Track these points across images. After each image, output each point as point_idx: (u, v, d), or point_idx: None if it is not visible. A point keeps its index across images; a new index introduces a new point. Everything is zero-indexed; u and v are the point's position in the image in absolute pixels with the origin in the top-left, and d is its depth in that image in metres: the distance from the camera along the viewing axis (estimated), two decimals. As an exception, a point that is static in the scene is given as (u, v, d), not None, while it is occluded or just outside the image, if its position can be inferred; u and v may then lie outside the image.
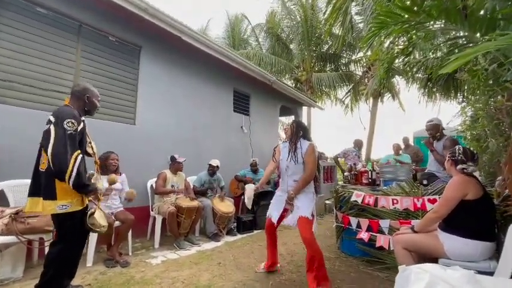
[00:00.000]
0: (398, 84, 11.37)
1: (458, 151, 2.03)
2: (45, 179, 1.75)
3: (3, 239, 2.17)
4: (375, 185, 3.37)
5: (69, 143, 1.72)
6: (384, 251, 2.79)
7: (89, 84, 2.11)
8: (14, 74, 2.71)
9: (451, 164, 2.07)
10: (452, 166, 2.06)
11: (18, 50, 2.75)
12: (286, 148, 2.50)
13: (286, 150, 2.48)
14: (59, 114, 1.77)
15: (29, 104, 2.78)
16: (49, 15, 2.97)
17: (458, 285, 0.86)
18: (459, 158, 1.99)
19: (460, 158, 1.98)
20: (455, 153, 2.05)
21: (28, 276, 2.36)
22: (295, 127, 2.50)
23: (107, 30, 3.46)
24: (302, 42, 11.44)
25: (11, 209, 2.38)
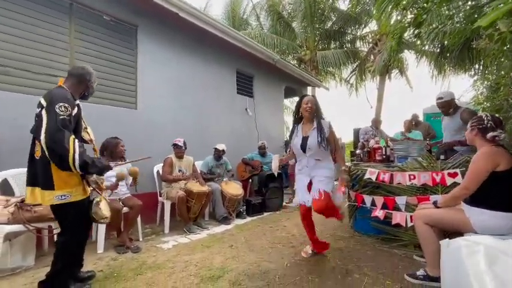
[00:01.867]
0: (406, 60, 10.94)
1: (487, 118, 1.85)
2: (41, 167, 1.63)
3: (10, 228, 2.12)
4: (389, 162, 3.24)
5: (62, 127, 1.57)
6: (400, 228, 2.70)
7: (88, 67, 1.95)
8: (6, 58, 2.57)
9: (476, 133, 1.88)
10: (477, 136, 1.87)
11: (9, 33, 2.59)
12: (299, 129, 2.36)
13: (300, 131, 2.34)
14: (51, 98, 1.62)
15: (24, 90, 2.66)
16: (40, -6, 2.77)
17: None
18: (488, 125, 1.81)
19: (489, 125, 1.81)
20: (482, 120, 1.86)
21: (40, 264, 2.33)
22: (316, 104, 2.31)
23: (100, 9, 3.26)
24: (305, 19, 10.94)
25: (16, 198, 2.32)
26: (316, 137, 2.20)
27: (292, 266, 2.28)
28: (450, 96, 3.03)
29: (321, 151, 2.23)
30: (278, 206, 4.52)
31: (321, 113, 2.32)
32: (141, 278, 2.10)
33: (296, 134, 2.38)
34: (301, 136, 2.32)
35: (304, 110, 2.29)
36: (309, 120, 2.33)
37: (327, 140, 2.23)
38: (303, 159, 2.32)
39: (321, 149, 2.21)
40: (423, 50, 8.06)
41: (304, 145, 2.27)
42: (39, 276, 2.04)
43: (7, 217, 2.15)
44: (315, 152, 2.24)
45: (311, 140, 2.24)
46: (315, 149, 2.22)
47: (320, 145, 2.18)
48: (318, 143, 2.18)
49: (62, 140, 1.55)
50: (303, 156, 2.31)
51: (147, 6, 3.57)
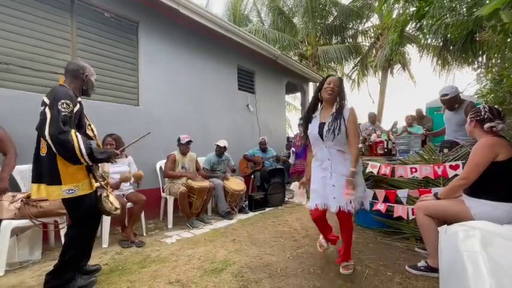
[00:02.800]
0: (408, 54, 10.84)
1: (484, 109, 1.85)
2: (47, 163, 1.66)
3: (17, 223, 2.17)
4: (391, 155, 3.24)
5: (63, 123, 1.60)
6: (402, 221, 2.72)
7: (84, 61, 1.97)
8: (8, 56, 2.60)
9: (474, 125, 1.89)
10: (476, 127, 1.88)
11: (10, 30, 2.61)
12: (318, 115, 2.05)
13: (319, 116, 2.04)
14: (54, 95, 1.65)
15: (25, 87, 2.68)
16: (41, -9, 2.79)
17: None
18: (486, 116, 1.81)
19: (486, 116, 1.81)
20: (479, 112, 1.86)
21: (47, 258, 2.38)
22: (341, 85, 1.99)
23: (101, 6, 3.27)
24: (306, 14, 10.87)
25: (22, 193, 2.36)
26: (334, 122, 1.91)
27: (294, 259, 2.31)
28: (455, 92, 2.98)
29: (342, 141, 1.91)
30: (280, 201, 4.54)
31: (344, 96, 1.99)
32: (145, 271, 2.13)
33: (313, 121, 2.06)
34: (318, 122, 2.01)
35: (325, 90, 1.97)
36: (330, 104, 2.01)
37: (341, 129, 1.89)
38: (322, 150, 1.98)
39: (340, 138, 1.89)
40: (426, 43, 7.98)
41: (321, 131, 1.95)
42: (45, 270, 2.08)
43: (14, 212, 2.20)
44: (334, 141, 1.91)
45: (326, 127, 1.94)
46: (331, 138, 1.91)
47: (332, 133, 1.88)
48: (330, 130, 1.89)
49: (66, 135, 1.59)
50: (322, 145, 1.98)
51: (147, 3, 3.57)
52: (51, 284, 1.75)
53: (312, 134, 2.03)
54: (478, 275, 0.67)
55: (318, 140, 1.99)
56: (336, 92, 1.96)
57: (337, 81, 1.99)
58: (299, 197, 2.26)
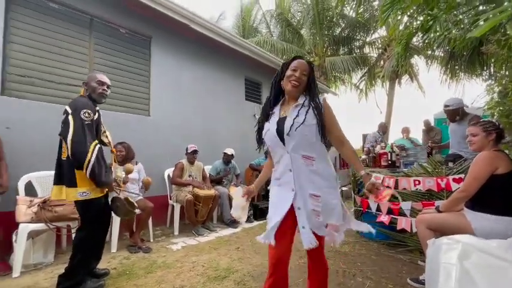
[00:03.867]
0: (416, 65, 10.84)
1: (499, 123, 1.88)
2: (67, 167, 1.81)
3: (34, 226, 2.29)
4: (395, 167, 3.26)
5: (87, 132, 1.77)
6: (405, 233, 2.72)
7: (95, 72, 2.12)
8: (32, 70, 2.80)
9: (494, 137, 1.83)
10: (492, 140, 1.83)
11: (34, 46, 2.83)
12: (276, 111, 1.42)
13: (278, 112, 1.41)
14: (76, 105, 1.81)
15: (46, 98, 2.87)
16: (61, 10, 3.02)
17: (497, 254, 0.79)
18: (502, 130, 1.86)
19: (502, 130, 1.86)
20: (497, 126, 1.86)
21: (59, 261, 2.50)
22: (310, 74, 1.39)
23: (117, 23, 3.49)
24: (313, 26, 11.06)
25: (38, 198, 2.50)
26: (300, 114, 1.30)
27: (296, 269, 2.34)
28: (458, 104, 3.03)
29: (310, 141, 1.30)
30: (285, 210, 4.56)
31: (315, 88, 1.39)
32: (151, 276, 2.21)
33: (269, 118, 1.43)
34: (276, 118, 1.39)
35: (287, 80, 1.35)
36: (293, 99, 1.39)
37: (321, 121, 1.29)
38: (283, 157, 1.34)
39: (309, 137, 1.29)
40: (433, 54, 7.98)
41: (281, 129, 1.32)
42: (58, 272, 2.18)
43: (31, 216, 2.33)
44: (299, 142, 1.29)
45: (288, 122, 1.30)
46: (298, 136, 1.28)
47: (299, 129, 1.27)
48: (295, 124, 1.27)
49: (84, 143, 1.74)
50: (282, 150, 1.34)
51: (160, 19, 3.78)
52: (62, 285, 1.85)
53: (269, 134, 1.37)
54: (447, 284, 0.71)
55: (276, 142, 1.34)
56: (304, 83, 1.36)
57: (305, 67, 1.36)
58: (237, 210, 1.65)
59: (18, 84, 2.71)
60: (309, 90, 1.39)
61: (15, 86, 2.69)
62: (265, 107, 1.50)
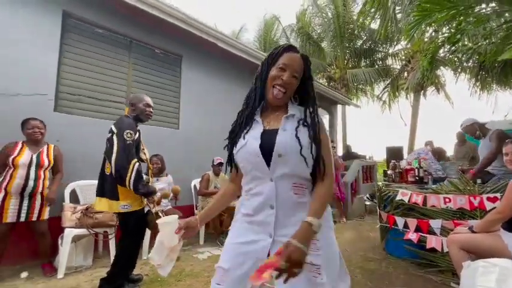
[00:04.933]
0: (443, 76, 10.49)
1: None
2: (109, 181, 1.98)
3: (77, 231, 2.50)
4: (423, 183, 3.18)
5: (128, 152, 1.92)
6: (436, 253, 2.62)
7: (139, 93, 2.32)
8: (79, 88, 3.12)
9: None
10: None
11: (82, 67, 3.15)
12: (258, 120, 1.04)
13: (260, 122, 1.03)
14: (120, 126, 1.99)
15: (91, 114, 3.17)
16: (106, 34, 3.35)
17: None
18: None
19: None
20: None
21: (96, 265, 2.68)
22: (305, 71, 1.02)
23: (153, 43, 3.79)
24: (334, 39, 11.16)
25: (81, 205, 2.73)
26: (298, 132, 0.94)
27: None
28: (468, 122, 3.21)
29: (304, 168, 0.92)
30: (307, 224, 4.54)
31: (313, 93, 1.04)
32: (181, 284, 2.31)
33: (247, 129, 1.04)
34: (260, 129, 1.00)
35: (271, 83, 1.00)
36: (279, 106, 1.04)
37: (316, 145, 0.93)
38: (263, 185, 0.94)
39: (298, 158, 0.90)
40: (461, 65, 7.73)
41: (269, 146, 0.93)
42: (97, 275, 2.37)
43: (74, 222, 2.55)
44: (294, 168, 0.92)
45: (284, 138, 0.93)
46: (295, 159, 0.91)
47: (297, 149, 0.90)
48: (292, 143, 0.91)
49: (126, 162, 1.90)
50: (264, 175, 0.94)
51: (190, 38, 4.05)
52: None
53: (246, 150, 0.98)
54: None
55: (256, 164, 0.94)
56: (293, 87, 1.00)
57: (299, 66, 0.99)
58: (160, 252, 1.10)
59: (68, 102, 3.03)
60: (301, 98, 1.05)
61: (65, 103, 3.00)
62: (245, 111, 1.08)
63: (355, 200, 5.60)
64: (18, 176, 2.31)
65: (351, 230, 4.38)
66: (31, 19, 2.78)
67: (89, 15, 3.17)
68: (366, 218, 5.52)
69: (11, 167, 2.32)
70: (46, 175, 2.50)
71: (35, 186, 2.38)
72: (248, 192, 0.99)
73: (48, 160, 2.50)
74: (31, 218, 2.37)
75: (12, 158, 2.31)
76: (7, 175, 2.31)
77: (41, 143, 2.53)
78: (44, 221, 2.47)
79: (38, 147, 2.49)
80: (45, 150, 2.53)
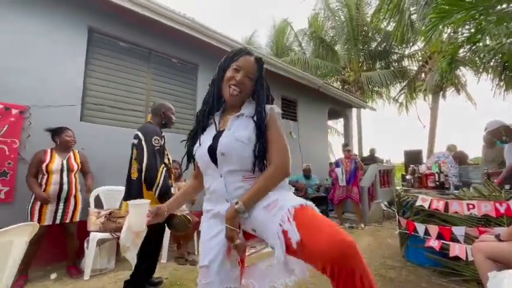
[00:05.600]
0: (463, 76, 10.09)
1: None
2: (136, 185, 2.07)
3: (101, 235, 2.62)
4: (444, 189, 3.08)
5: (158, 157, 2.02)
6: (460, 261, 2.52)
7: (163, 101, 2.43)
8: (102, 99, 3.29)
9: None
10: None
11: (105, 78, 3.33)
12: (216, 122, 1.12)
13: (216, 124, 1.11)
14: (147, 132, 2.08)
15: (113, 122, 3.33)
16: (127, 46, 3.53)
17: None
18: None
19: None
20: None
21: (119, 268, 2.79)
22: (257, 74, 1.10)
23: (170, 54, 3.95)
24: (348, 42, 11.07)
25: (105, 210, 2.86)
26: (240, 127, 1.03)
27: None
28: (493, 125, 2.96)
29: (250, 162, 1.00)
30: (323, 229, 4.49)
31: (263, 94, 1.09)
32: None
33: (205, 132, 1.12)
34: (213, 131, 1.08)
35: (226, 84, 1.07)
36: (235, 106, 1.11)
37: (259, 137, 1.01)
38: (216, 181, 1.04)
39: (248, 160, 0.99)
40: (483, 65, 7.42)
41: (214, 145, 1.02)
42: (120, 278, 2.47)
43: (99, 226, 2.68)
44: (238, 164, 1.00)
45: (225, 138, 1.02)
46: (236, 157, 1.00)
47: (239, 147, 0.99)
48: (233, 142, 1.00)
49: (156, 167, 1.99)
50: (215, 173, 1.04)
51: (206, 47, 4.18)
52: (127, 290, 2.08)
53: (199, 151, 1.06)
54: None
55: (208, 162, 1.03)
56: (248, 88, 1.08)
57: (252, 68, 1.07)
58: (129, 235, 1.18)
59: (92, 111, 3.21)
60: (257, 96, 1.08)
61: (90, 113, 3.19)
62: (201, 114, 1.15)
63: (373, 205, 5.48)
64: (53, 181, 2.49)
65: (368, 236, 4.29)
66: (60, 35, 2.99)
67: (112, 30, 3.36)
68: (384, 223, 5.38)
69: (45, 174, 2.48)
70: (76, 178, 2.68)
71: (69, 190, 2.56)
72: (208, 190, 1.09)
73: (77, 164, 2.68)
74: (65, 220, 2.54)
75: (46, 165, 2.48)
76: (43, 181, 2.48)
77: (69, 150, 2.70)
78: (75, 223, 2.63)
79: (65, 153, 2.65)
80: (72, 155, 2.70)
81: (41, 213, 2.41)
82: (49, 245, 2.64)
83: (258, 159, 0.99)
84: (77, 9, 3.09)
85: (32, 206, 2.42)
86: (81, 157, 2.76)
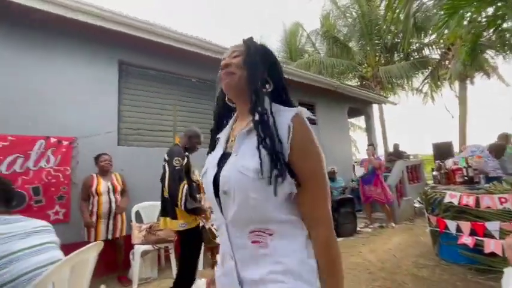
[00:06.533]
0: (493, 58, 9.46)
1: None
2: (169, 203, 2.31)
3: (144, 247, 2.90)
4: (473, 183, 3.00)
5: (177, 176, 2.22)
6: (496, 257, 2.46)
7: (197, 128, 2.65)
8: (135, 123, 3.65)
9: None
10: None
11: (137, 105, 3.70)
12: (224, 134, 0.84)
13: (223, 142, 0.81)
14: (171, 155, 2.31)
15: (147, 144, 3.67)
16: (152, 73, 3.88)
17: None
18: None
19: None
20: None
21: (161, 276, 3.05)
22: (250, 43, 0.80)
23: (191, 74, 4.25)
24: (362, 38, 10.90)
25: (145, 224, 3.15)
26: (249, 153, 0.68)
27: (371, 292, 2.37)
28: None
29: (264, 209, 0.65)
30: (351, 231, 4.49)
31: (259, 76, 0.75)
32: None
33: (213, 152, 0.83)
34: (219, 151, 0.79)
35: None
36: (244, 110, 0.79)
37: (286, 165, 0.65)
38: (220, 227, 0.73)
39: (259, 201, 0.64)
40: (511, 47, 6.96)
41: (216, 178, 0.71)
42: (163, 286, 2.72)
43: (141, 239, 2.96)
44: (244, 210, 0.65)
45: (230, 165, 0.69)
46: (241, 198, 0.65)
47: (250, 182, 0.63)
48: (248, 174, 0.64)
49: (177, 186, 2.20)
50: (220, 218, 0.72)
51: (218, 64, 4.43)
52: (171, 298, 2.31)
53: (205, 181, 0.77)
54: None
55: (212, 200, 0.74)
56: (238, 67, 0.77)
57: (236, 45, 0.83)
58: None
59: (127, 136, 3.57)
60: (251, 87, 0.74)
61: (126, 137, 3.55)
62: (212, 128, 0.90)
63: (402, 202, 5.35)
64: (104, 201, 2.84)
65: (399, 235, 4.22)
66: (94, 71, 3.38)
67: (138, 60, 3.72)
68: (415, 221, 5.23)
69: (95, 196, 2.83)
70: (119, 198, 2.99)
71: (116, 208, 2.89)
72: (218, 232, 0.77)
73: (119, 184, 3.01)
74: (115, 235, 2.89)
75: (95, 188, 2.83)
76: (94, 202, 2.83)
77: (110, 172, 3.03)
78: (123, 237, 2.96)
79: (108, 176, 3.00)
80: (114, 177, 3.04)
81: (96, 231, 2.76)
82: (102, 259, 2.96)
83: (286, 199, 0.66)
84: (107, 45, 3.48)
85: None
86: (121, 179, 3.10)
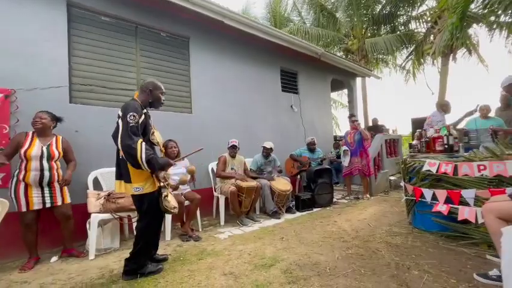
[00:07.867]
0: (476, 35, 9.44)
1: None
2: (123, 165, 2.00)
3: (102, 216, 2.62)
4: (453, 152, 2.93)
5: (132, 133, 1.90)
6: (469, 224, 2.44)
7: (154, 79, 2.27)
8: (91, 78, 3.16)
9: None
10: None
11: (91, 57, 3.17)
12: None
13: None
14: (125, 109, 1.97)
15: (104, 103, 3.22)
16: (111, 22, 3.32)
17: None
18: None
19: None
20: None
21: (123, 246, 2.82)
22: None
23: (158, 27, 3.72)
24: (349, 7, 10.39)
25: (104, 192, 2.84)
26: None
27: (344, 259, 2.28)
28: (509, 81, 2.80)
29: None
30: (328, 201, 4.46)
31: None
32: (202, 262, 2.36)
33: None
34: None
35: None
36: None
37: None
38: None
39: None
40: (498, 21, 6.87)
41: None
42: (124, 256, 2.45)
43: (99, 207, 2.66)
44: None
45: None
46: None
47: None
48: None
49: (132, 143, 1.88)
50: None
51: (196, 19, 3.92)
52: (128, 267, 2.09)
53: None
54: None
55: None
56: None
57: None
58: None
59: (81, 92, 3.09)
60: None
61: (79, 94, 3.07)
62: None
63: (379, 175, 5.38)
64: (33, 168, 2.38)
65: (374, 206, 4.23)
66: (37, 14, 2.80)
67: (93, 4, 3.14)
68: (390, 193, 5.31)
69: (23, 160, 2.37)
70: (58, 165, 2.57)
71: (50, 176, 2.46)
72: None
73: (58, 151, 2.55)
74: (56, 203, 2.50)
75: (24, 151, 2.36)
76: (22, 167, 2.37)
77: (49, 135, 2.56)
78: (68, 204, 2.59)
79: (47, 139, 2.52)
80: (54, 142, 2.56)
81: (27, 199, 2.35)
82: (46, 231, 2.65)
83: None
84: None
85: (15, 191, 2.34)
86: (64, 145, 2.63)
